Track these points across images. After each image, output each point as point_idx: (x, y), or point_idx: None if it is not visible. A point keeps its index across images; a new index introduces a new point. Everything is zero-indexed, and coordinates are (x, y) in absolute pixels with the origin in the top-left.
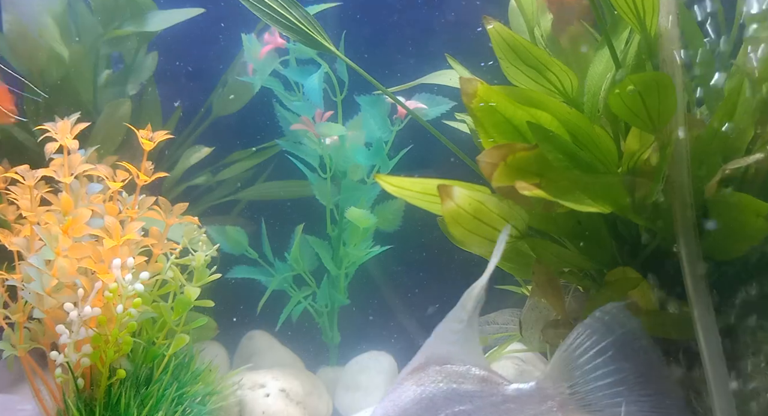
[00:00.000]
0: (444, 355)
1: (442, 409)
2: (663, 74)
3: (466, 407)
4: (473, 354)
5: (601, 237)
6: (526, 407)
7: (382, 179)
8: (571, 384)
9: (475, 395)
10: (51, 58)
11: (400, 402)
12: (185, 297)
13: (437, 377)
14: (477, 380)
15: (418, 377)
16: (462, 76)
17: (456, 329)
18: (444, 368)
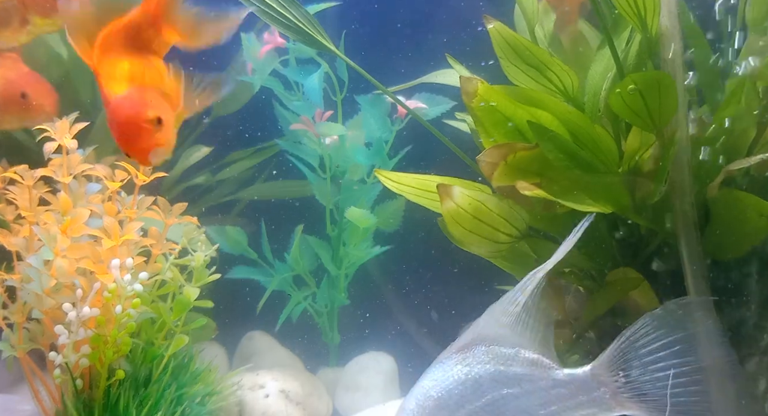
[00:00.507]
0: (493, 336)
1: (488, 392)
2: (664, 74)
3: (513, 390)
4: (525, 339)
5: (602, 237)
6: (578, 393)
7: (382, 175)
8: (628, 373)
9: (523, 378)
10: (50, 57)
11: (444, 382)
12: (184, 298)
13: (484, 358)
14: (526, 363)
15: (464, 356)
16: (462, 76)
17: (510, 311)
18: (492, 349)
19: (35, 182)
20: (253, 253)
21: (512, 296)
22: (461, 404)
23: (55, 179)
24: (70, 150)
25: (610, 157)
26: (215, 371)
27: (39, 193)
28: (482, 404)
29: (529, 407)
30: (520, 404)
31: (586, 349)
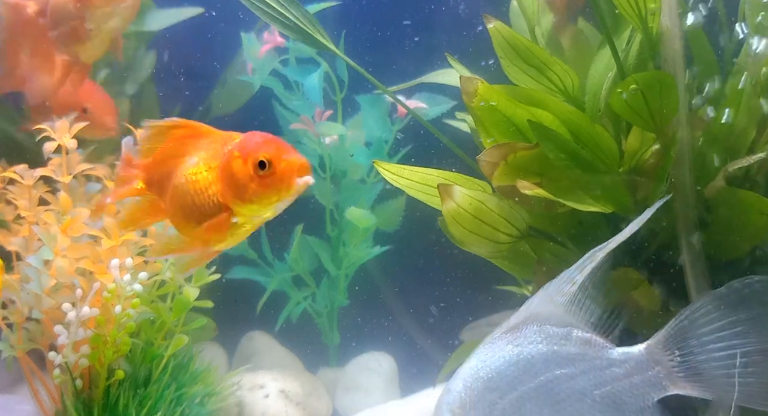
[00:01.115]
0: (545, 315)
1: (541, 372)
2: (665, 73)
3: (567, 370)
4: (578, 318)
5: (603, 237)
6: (633, 372)
7: (381, 166)
8: (684, 352)
9: (577, 358)
10: None
11: (494, 363)
12: (184, 298)
13: (536, 337)
14: (579, 342)
15: (515, 336)
16: (462, 76)
17: (566, 290)
18: (543, 328)
19: (35, 182)
20: (253, 253)
21: (569, 275)
22: (513, 385)
23: (54, 179)
24: (69, 150)
25: (610, 156)
26: (215, 371)
27: (39, 193)
28: (535, 385)
29: (584, 388)
30: (574, 384)
31: None
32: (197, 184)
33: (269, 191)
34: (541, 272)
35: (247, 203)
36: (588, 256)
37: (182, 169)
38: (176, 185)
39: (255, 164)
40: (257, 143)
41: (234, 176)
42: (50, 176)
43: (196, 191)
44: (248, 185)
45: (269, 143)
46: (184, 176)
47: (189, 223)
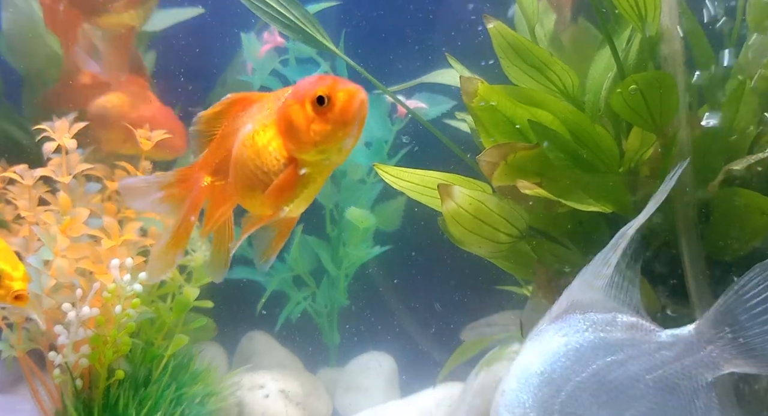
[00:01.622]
0: (587, 301)
1: (591, 361)
2: (665, 73)
3: (617, 357)
4: (619, 302)
5: (603, 237)
6: (684, 354)
7: (381, 169)
8: (735, 328)
9: (625, 343)
10: (50, 57)
11: (544, 355)
12: (184, 298)
13: (581, 325)
14: (626, 327)
15: (560, 326)
16: (462, 76)
17: (603, 273)
18: (587, 316)
19: (35, 182)
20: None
21: (604, 256)
22: (567, 377)
23: (54, 179)
24: (69, 150)
25: (610, 156)
26: (215, 371)
27: (38, 193)
28: (588, 375)
29: (636, 373)
30: (626, 371)
31: None
32: (255, 146)
33: (335, 126)
34: (541, 272)
35: (312, 147)
36: (619, 234)
37: (239, 140)
38: (236, 157)
39: (313, 102)
40: (309, 83)
41: (293, 123)
42: (50, 176)
43: (256, 153)
44: (310, 127)
45: (322, 79)
46: (242, 144)
47: (255, 192)
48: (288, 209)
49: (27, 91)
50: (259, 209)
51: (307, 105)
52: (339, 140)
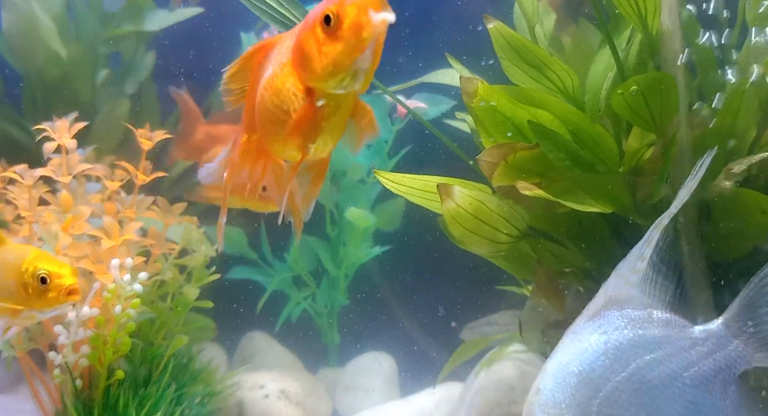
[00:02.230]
0: (623, 298)
1: (631, 359)
2: (665, 74)
3: (655, 355)
4: (654, 298)
5: (603, 237)
6: (715, 349)
7: (382, 176)
8: (756, 322)
9: (662, 340)
10: (49, 57)
11: (583, 354)
12: (184, 298)
13: (619, 323)
14: (661, 324)
15: (599, 324)
16: (462, 76)
17: (638, 267)
18: (624, 312)
19: (35, 182)
20: (253, 253)
21: (638, 250)
22: (606, 377)
23: (54, 179)
24: (69, 150)
25: (610, 156)
26: (215, 371)
27: (39, 193)
28: (627, 374)
29: (673, 371)
30: (665, 369)
31: None
32: (274, 86)
33: (345, 44)
34: (541, 272)
35: (325, 72)
36: (653, 227)
37: (261, 85)
38: (258, 103)
39: (321, 23)
40: (318, 6)
41: (304, 50)
42: (50, 176)
43: (275, 93)
44: (321, 51)
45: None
46: (263, 88)
47: (279, 133)
48: (314, 147)
49: (27, 91)
50: (287, 154)
51: (316, 28)
52: (351, 61)
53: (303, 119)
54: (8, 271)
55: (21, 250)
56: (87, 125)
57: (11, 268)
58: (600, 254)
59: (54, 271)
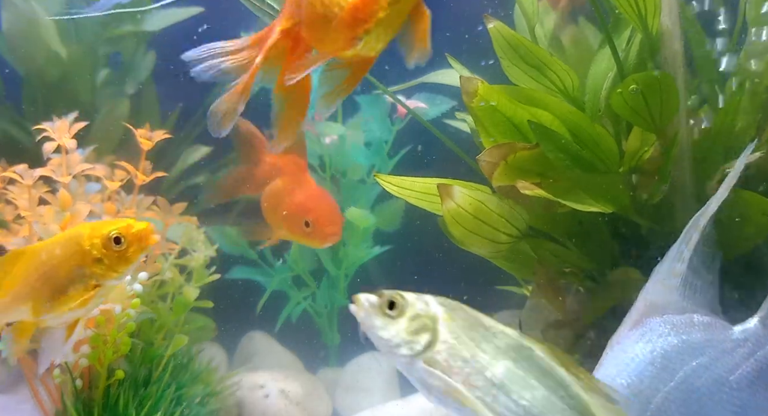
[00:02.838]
0: (663, 303)
1: (678, 367)
2: (665, 74)
3: (701, 360)
4: (693, 301)
5: (603, 237)
6: (755, 349)
7: (382, 179)
8: None
9: (706, 345)
10: (49, 57)
11: (631, 365)
12: (184, 298)
13: (663, 329)
14: (703, 327)
15: (642, 332)
16: (462, 76)
17: (677, 270)
18: (666, 318)
19: (35, 182)
20: (253, 253)
21: (677, 251)
22: (655, 387)
23: (54, 179)
24: (69, 150)
25: (610, 156)
26: (215, 371)
27: (38, 193)
28: (676, 383)
29: (720, 376)
30: (711, 374)
31: (586, 350)
32: None
33: None
34: (541, 272)
35: None
36: (690, 225)
37: None
38: None
39: None
40: None
41: None
42: (50, 176)
43: None
44: None
45: None
46: None
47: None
48: (363, 42)
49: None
50: (332, 47)
51: None
52: None
53: (362, 3)
54: (70, 260)
55: (66, 236)
56: (87, 125)
57: (72, 255)
58: (600, 254)
59: (121, 226)
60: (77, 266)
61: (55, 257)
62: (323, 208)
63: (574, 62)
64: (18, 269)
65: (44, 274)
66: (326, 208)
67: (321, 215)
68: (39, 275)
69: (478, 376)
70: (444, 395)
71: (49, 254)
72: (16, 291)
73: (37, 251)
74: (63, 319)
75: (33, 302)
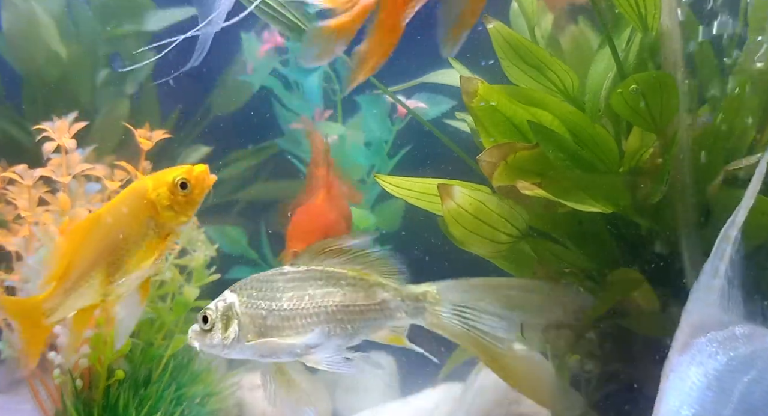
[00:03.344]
0: (705, 322)
1: (732, 386)
2: (666, 74)
3: (751, 375)
4: (733, 314)
5: (603, 237)
6: None
7: (382, 180)
8: None
9: (752, 357)
10: (50, 57)
11: (691, 393)
12: (184, 298)
13: (710, 349)
14: (745, 339)
15: (692, 355)
16: (462, 76)
17: (714, 285)
18: (710, 337)
19: (35, 182)
20: (253, 253)
21: (711, 266)
22: (718, 413)
23: (54, 179)
24: (69, 150)
25: (610, 157)
26: (215, 371)
27: (38, 193)
28: (736, 402)
29: None
30: (763, 388)
31: (586, 350)
32: None
33: None
34: (542, 272)
35: None
36: (721, 237)
37: None
38: None
39: None
40: None
41: None
42: (50, 176)
43: None
44: None
45: None
46: None
47: None
48: None
49: (27, 91)
50: None
51: None
52: None
53: None
54: (140, 214)
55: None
56: (87, 125)
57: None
58: (600, 254)
59: (182, 171)
60: (148, 219)
61: (123, 216)
62: (297, 223)
63: (573, 62)
64: (80, 241)
65: (115, 235)
66: (300, 224)
67: (291, 230)
68: (110, 239)
69: (274, 317)
70: (269, 354)
71: (116, 216)
72: (84, 264)
73: (100, 217)
74: (132, 282)
75: (105, 269)
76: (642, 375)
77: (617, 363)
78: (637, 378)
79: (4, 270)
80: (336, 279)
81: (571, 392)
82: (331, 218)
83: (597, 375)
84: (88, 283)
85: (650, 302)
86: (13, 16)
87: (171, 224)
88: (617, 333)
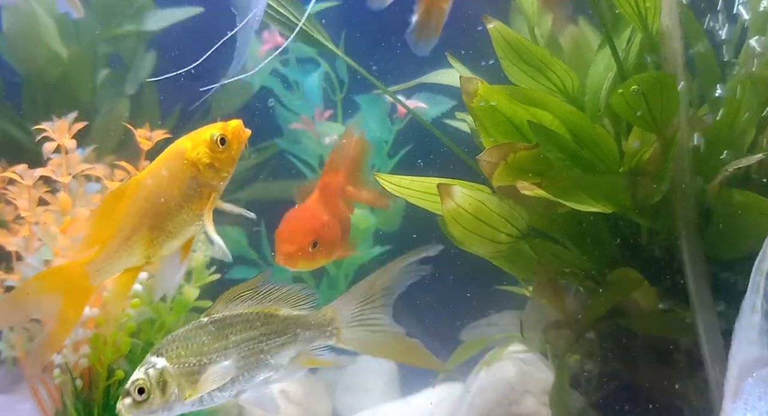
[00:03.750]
0: (750, 361)
1: None
2: (666, 74)
3: None
4: None
5: (603, 238)
6: None
7: (383, 179)
8: None
9: None
10: (50, 57)
11: None
12: (184, 298)
13: (759, 391)
14: None
15: (744, 400)
16: (462, 76)
17: (754, 322)
18: (757, 377)
19: (35, 182)
20: (253, 253)
21: (749, 303)
22: None
23: (54, 179)
24: (69, 150)
25: (610, 157)
26: None
27: (38, 193)
28: None
29: None
30: None
31: (586, 350)
32: None
33: None
34: (542, 272)
35: None
36: (754, 272)
37: None
38: None
39: None
40: None
41: None
42: (50, 176)
43: None
44: None
45: None
46: None
47: None
48: None
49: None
50: None
51: None
52: None
53: None
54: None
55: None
56: (87, 125)
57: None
58: (600, 254)
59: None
60: (190, 179)
61: (164, 178)
62: (287, 224)
63: (573, 62)
64: (123, 205)
65: (158, 198)
66: (289, 226)
67: (279, 231)
68: (153, 202)
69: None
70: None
71: (156, 179)
72: (127, 227)
73: (141, 181)
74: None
75: (149, 231)
76: (641, 375)
77: (617, 363)
78: (637, 378)
79: (4, 270)
80: (251, 321)
81: None
82: (323, 220)
83: (597, 374)
84: (132, 246)
85: (650, 302)
86: (13, 16)
87: (212, 182)
88: (617, 333)
